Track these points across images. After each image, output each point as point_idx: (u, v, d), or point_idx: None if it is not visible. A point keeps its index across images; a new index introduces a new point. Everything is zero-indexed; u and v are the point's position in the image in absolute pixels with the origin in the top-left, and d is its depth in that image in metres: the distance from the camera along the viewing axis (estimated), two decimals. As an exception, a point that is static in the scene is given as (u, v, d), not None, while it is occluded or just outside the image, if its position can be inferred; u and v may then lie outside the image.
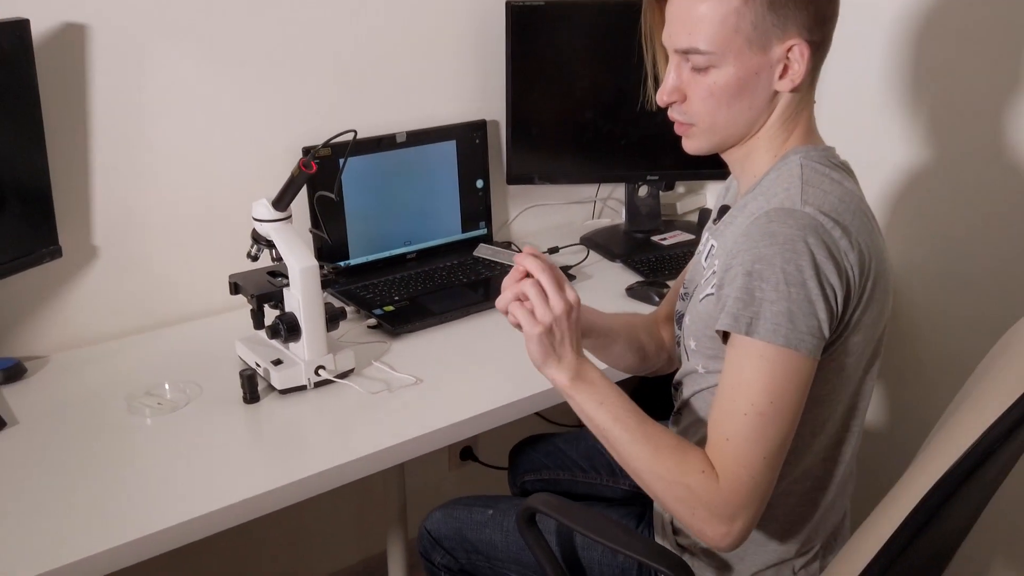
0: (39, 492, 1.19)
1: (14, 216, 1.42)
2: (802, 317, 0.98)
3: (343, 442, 1.31)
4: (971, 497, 1.00)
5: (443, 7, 1.87)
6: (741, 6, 1.02)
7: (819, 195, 1.03)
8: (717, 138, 1.12)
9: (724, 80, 1.06)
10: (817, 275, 0.98)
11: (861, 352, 1.08)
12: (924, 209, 1.78)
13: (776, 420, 1.00)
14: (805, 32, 1.04)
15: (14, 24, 1.34)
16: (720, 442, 1.02)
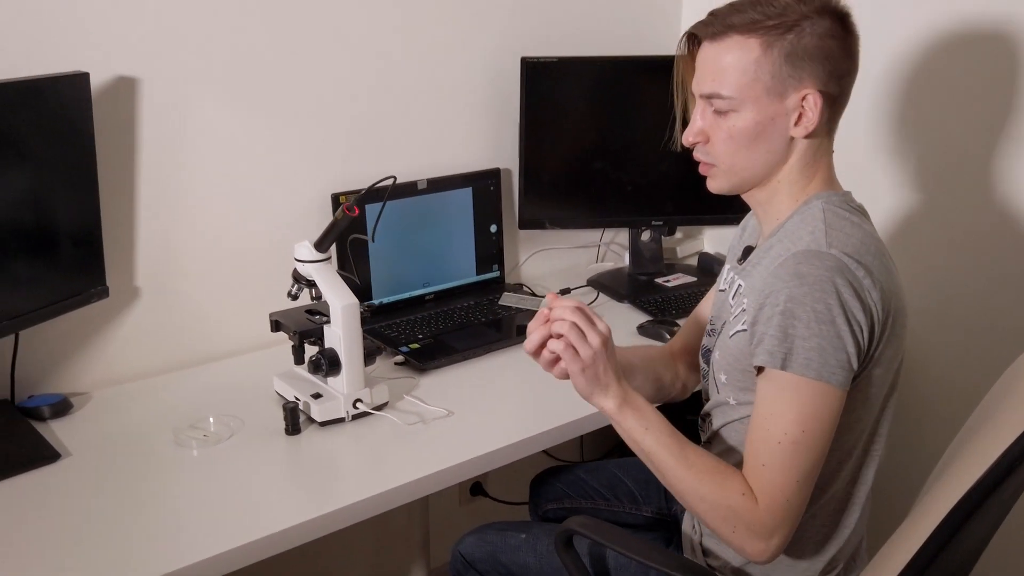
0: (94, 520, 1.24)
1: (68, 257, 1.49)
2: (832, 352, 1.08)
3: (381, 471, 1.38)
4: (988, 516, 1.09)
5: (462, 62, 1.99)
6: (761, 57, 1.14)
7: (842, 238, 1.14)
8: (736, 179, 1.23)
9: (743, 124, 1.17)
10: (845, 313, 1.08)
11: (883, 383, 1.18)
12: (919, 252, 1.90)
13: (808, 448, 1.09)
14: (820, 84, 1.15)
15: (76, 77, 1.43)
16: (757, 467, 1.11)
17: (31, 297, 1.44)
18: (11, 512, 1.25)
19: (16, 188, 1.37)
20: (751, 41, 1.15)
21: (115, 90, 1.55)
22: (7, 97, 1.34)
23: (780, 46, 1.14)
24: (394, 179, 1.49)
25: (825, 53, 1.14)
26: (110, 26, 1.52)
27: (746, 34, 1.15)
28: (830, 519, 1.24)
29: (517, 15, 2.04)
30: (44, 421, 1.50)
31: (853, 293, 1.09)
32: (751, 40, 1.15)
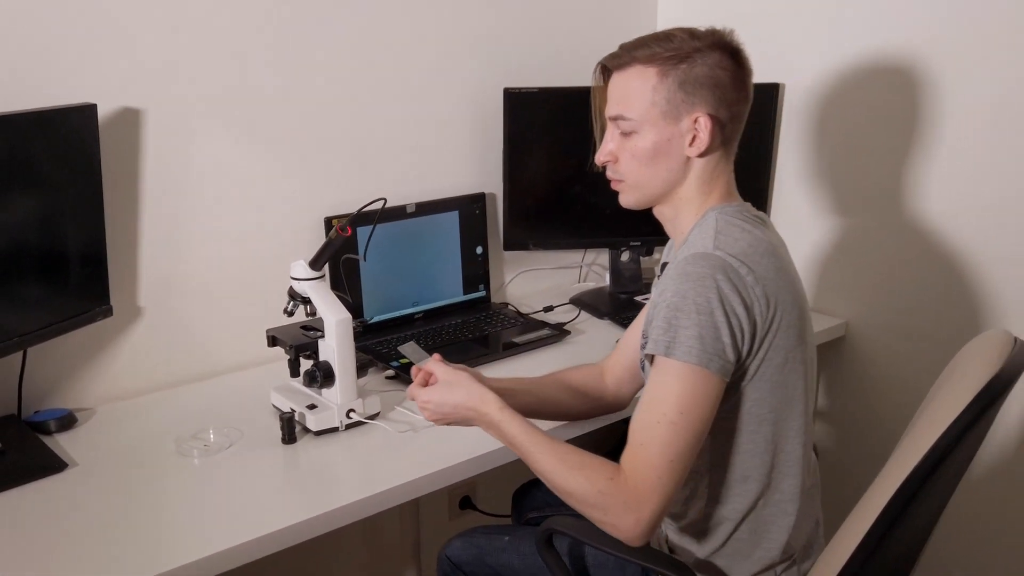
0: (101, 524, 1.31)
1: (75, 278, 1.57)
2: (711, 341, 1.20)
3: (374, 476, 1.45)
4: (932, 498, 1.18)
5: (449, 93, 2.09)
6: (658, 84, 1.29)
7: (729, 242, 1.26)
8: (641, 194, 1.37)
9: (644, 144, 1.32)
10: (723, 306, 1.20)
11: (790, 372, 1.28)
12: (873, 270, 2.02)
13: (684, 429, 1.20)
14: (710, 108, 1.29)
15: (84, 108, 1.52)
16: (635, 447, 1.22)
17: (39, 316, 1.52)
18: (23, 518, 1.32)
19: (28, 213, 1.46)
20: (650, 70, 1.29)
21: (121, 120, 1.65)
22: (21, 127, 1.43)
23: (674, 75, 1.28)
24: (384, 201, 1.58)
25: (715, 82, 1.28)
26: (116, 59, 1.62)
27: (646, 64, 1.30)
28: (779, 508, 1.33)
29: (499, 48, 2.15)
30: (50, 434, 1.57)
31: (733, 288, 1.21)
32: (650, 69, 1.29)
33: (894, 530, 1.13)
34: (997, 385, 1.10)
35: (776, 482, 1.33)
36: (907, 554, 1.29)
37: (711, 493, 1.34)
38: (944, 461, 1.09)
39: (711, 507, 1.35)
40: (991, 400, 1.09)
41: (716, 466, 1.33)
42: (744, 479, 1.32)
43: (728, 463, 1.32)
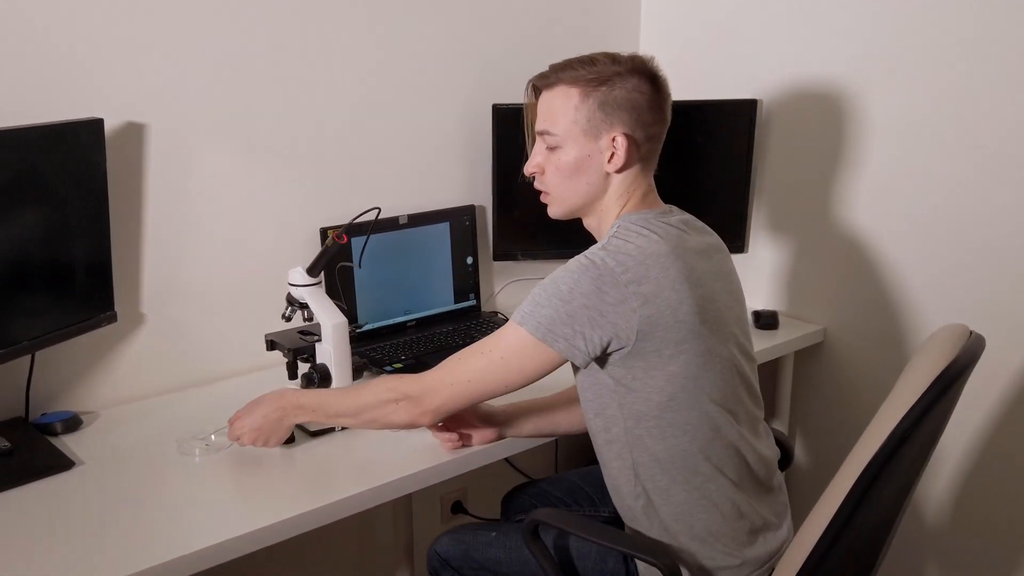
0: (107, 518, 1.37)
1: (81, 286, 1.64)
2: (555, 318, 1.33)
3: (368, 473, 1.51)
4: (895, 479, 1.26)
5: (439, 109, 2.18)
6: (580, 104, 1.40)
7: (618, 244, 1.36)
8: (566, 206, 1.48)
9: (566, 159, 1.42)
10: (582, 296, 1.32)
11: (687, 364, 1.35)
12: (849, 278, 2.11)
13: (496, 370, 1.39)
14: (627, 128, 1.40)
15: (91, 123, 1.60)
16: (449, 358, 1.45)
17: (47, 321, 1.58)
18: (33, 513, 1.38)
19: (37, 224, 1.53)
20: (573, 91, 1.40)
21: (125, 134, 1.72)
22: (32, 141, 1.50)
23: (595, 96, 1.39)
24: (378, 210, 1.66)
25: (632, 104, 1.39)
26: (120, 76, 1.69)
27: (570, 85, 1.41)
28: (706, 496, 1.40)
29: (488, 66, 2.24)
30: (56, 435, 1.63)
31: (598, 285, 1.32)
32: (573, 90, 1.40)
33: (860, 511, 1.20)
34: (953, 371, 1.17)
35: (697, 464, 1.39)
36: (873, 536, 1.36)
37: (651, 482, 1.42)
38: (905, 443, 1.16)
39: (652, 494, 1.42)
40: (947, 385, 1.17)
41: (641, 449, 1.40)
42: (663, 464, 1.39)
43: (650, 450, 1.39)
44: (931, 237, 1.99)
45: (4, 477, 1.46)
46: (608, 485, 1.51)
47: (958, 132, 1.92)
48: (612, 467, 1.46)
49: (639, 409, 1.38)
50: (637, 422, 1.39)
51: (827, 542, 1.22)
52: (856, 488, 1.18)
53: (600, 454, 1.49)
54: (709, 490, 1.40)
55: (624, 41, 2.48)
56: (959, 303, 1.97)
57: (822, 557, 1.23)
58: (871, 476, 1.17)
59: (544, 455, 2.53)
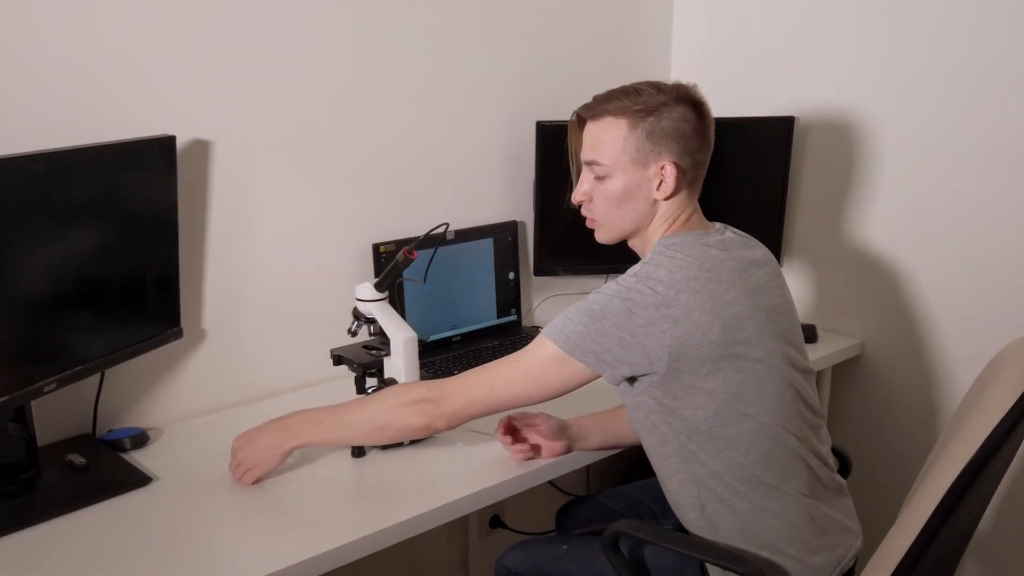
0: (188, 533, 1.38)
1: (152, 302, 1.65)
2: (584, 334, 1.37)
3: (439, 488, 1.52)
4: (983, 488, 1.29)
5: (484, 126, 2.21)
6: (628, 134, 1.43)
7: (651, 269, 1.38)
8: (613, 232, 1.53)
9: (615, 188, 1.46)
10: (612, 317, 1.35)
11: (727, 380, 1.37)
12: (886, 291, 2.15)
13: (520, 381, 1.42)
14: (675, 157, 1.44)
15: (165, 139, 1.61)
16: (478, 369, 1.47)
17: (119, 338, 1.59)
18: (115, 530, 1.38)
19: (115, 239, 1.54)
20: (620, 121, 1.44)
21: (191, 152, 1.73)
22: (111, 158, 1.51)
23: (643, 126, 1.43)
24: (447, 225, 1.68)
25: (679, 133, 1.43)
26: (188, 94, 1.71)
27: (616, 116, 1.44)
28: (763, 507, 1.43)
29: (531, 84, 2.27)
30: (125, 451, 1.64)
31: (627, 307, 1.35)
32: (620, 120, 1.44)
33: (951, 520, 1.23)
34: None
35: (755, 474, 1.41)
36: (957, 546, 1.40)
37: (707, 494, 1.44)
38: (996, 452, 1.19)
39: (713, 505, 1.44)
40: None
41: (698, 464, 1.43)
42: (722, 476, 1.41)
43: (707, 464, 1.42)
44: (968, 252, 2.05)
45: (84, 493, 1.47)
46: (670, 500, 1.53)
47: (995, 150, 1.97)
48: (672, 481, 1.49)
49: (687, 427, 1.41)
50: (689, 438, 1.42)
51: (917, 551, 1.24)
52: (948, 498, 1.21)
53: (658, 469, 1.52)
54: (774, 499, 1.43)
55: (657, 58, 2.53)
56: (997, 317, 2.02)
57: (911, 567, 1.26)
58: (963, 486, 1.20)
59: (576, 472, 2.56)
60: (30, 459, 1.51)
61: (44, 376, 1.45)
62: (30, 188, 1.36)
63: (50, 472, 1.53)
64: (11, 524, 1.37)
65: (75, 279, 1.47)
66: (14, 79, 1.51)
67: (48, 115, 1.55)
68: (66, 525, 1.39)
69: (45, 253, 1.41)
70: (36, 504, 1.43)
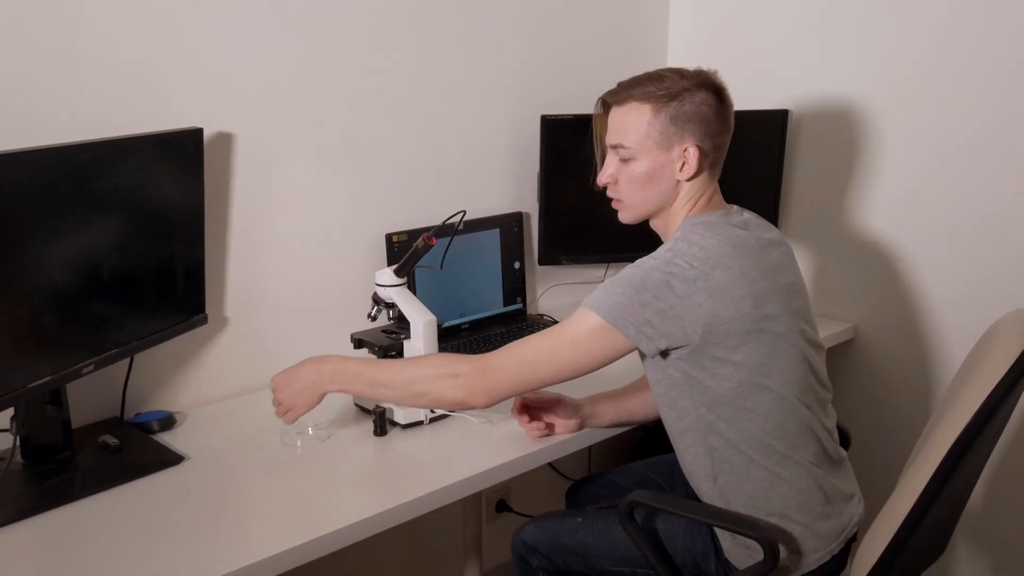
0: (220, 508, 1.43)
1: (180, 289, 1.71)
2: (626, 305, 1.42)
3: (457, 465, 1.58)
4: (979, 454, 1.38)
5: (491, 121, 2.28)
6: (652, 118, 1.50)
7: (684, 246, 1.45)
8: (638, 212, 1.59)
9: (640, 170, 1.53)
10: (653, 288, 1.41)
11: (751, 352, 1.44)
12: (878, 276, 2.24)
13: (562, 353, 1.46)
14: (697, 140, 1.51)
15: (193, 132, 1.67)
16: (517, 341, 1.50)
17: (150, 323, 1.65)
18: (149, 505, 1.44)
19: (145, 229, 1.59)
20: (645, 106, 1.51)
21: (215, 144, 1.79)
22: (146, 149, 1.57)
23: (666, 111, 1.50)
24: (463, 213, 1.75)
25: (701, 117, 1.50)
26: (212, 88, 1.77)
27: (641, 101, 1.51)
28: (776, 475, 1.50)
29: (537, 79, 2.35)
30: (154, 433, 1.69)
31: (667, 280, 1.41)
32: (645, 106, 1.51)
33: (948, 485, 1.31)
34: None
35: (772, 445, 1.48)
36: (953, 511, 1.48)
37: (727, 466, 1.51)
38: (992, 417, 1.28)
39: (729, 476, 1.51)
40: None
41: (715, 435, 1.49)
42: (738, 447, 1.48)
43: (724, 435, 1.49)
44: (957, 238, 2.14)
45: (120, 472, 1.52)
46: (685, 471, 1.61)
47: (983, 136, 2.06)
48: (688, 454, 1.56)
49: (710, 399, 1.48)
50: (709, 410, 1.49)
51: (917, 515, 1.33)
52: (946, 462, 1.30)
53: (675, 442, 1.59)
54: (786, 467, 1.50)
55: (653, 55, 2.61)
56: (986, 298, 2.11)
57: (912, 529, 1.34)
58: (960, 450, 1.29)
59: (577, 456, 2.63)
60: (66, 440, 1.56)
61: (82, 359, 1.50)
62: (74, 177, 1.42)
63: (85, 453, 1.58)
64: (53, 500, 1.42)
65: (110, 265, 1.53)
66: (46, 73, 1.57)
67: (75, 107, 1.61)
68: (105, 501, 1.45)
69: (84, 240, 1.47)
70: (75, 482, 1.49)
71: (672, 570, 1.57)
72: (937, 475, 1.31)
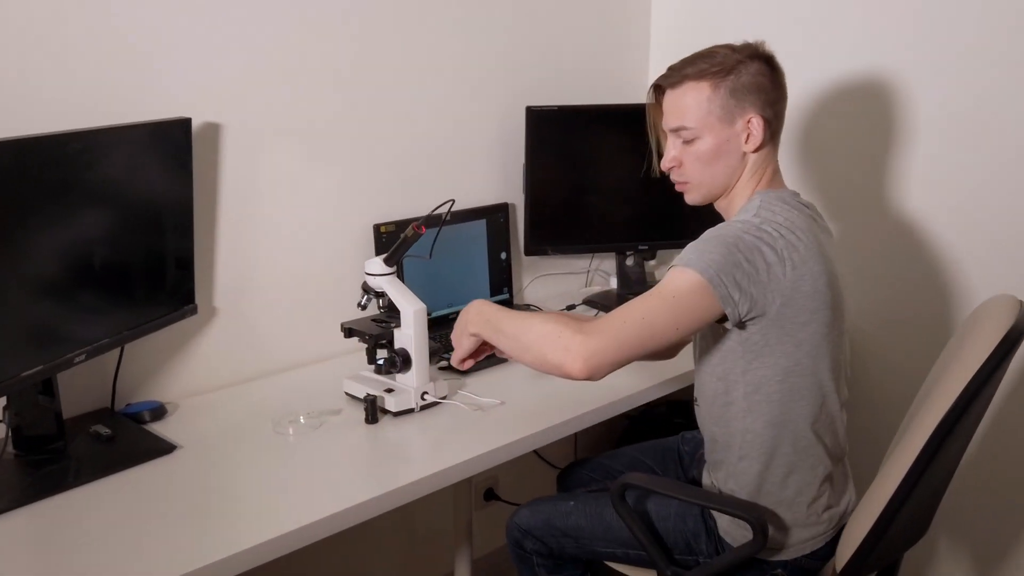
0: (215, 495, 1.44)
1: (170, 279, 1.71)
2: (723, 264, 1.38)
3: (448, 451, 1.59)
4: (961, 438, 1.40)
5: (476, 112, 2.29)
6: (712, 95, 1.50)
7: (768, 214, 1.46)
8: (706, 190, 1.57)
9: (706, 147, 1.52)
10: (746, 251, 1.40)
11: (814, 333, 1.45)
12: (860, 265, 2.27)
13: (668, 309, 1.38)
14: (759, 109, 1.51)
15: (182, 122, 1.67)
16: (620, 309, 1.41)
17: (140, 314, 1.65)
18: (144, 493, 1.44)
19: (135, 219, 1.60)
20: (702, 84, 1.51)
21: (204, 134, 1.79)
22: (137, 138, 1.57)
23: (725, 85, 1.50)
24: (452, 202, 1.76)
25: (759, 86, 1.50)
26: (199, 78, 1.77)
27: (697, 80, 1.51)
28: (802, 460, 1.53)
29: (522, 71, 2.36)
30: (145, 423, 1.69)
31: (761, 242, 1.41)
32: (702, 83, 1.51)
33: (931, 468, 1.34)
34: (1014, 334, 1.32)
35: (800, 432, 1.51)
36: (934, 495, 1.51)
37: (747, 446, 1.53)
38: (974, 401, 1.31)
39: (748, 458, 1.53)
40: (1011, 347, 1.32)
41: (756, 415, 1.50)
42: (768, 427, 1.50)
43: (753, 412, 1.50)
44: (937, 225, 2.17)
45: (113, 461, 1.52)
46: (710, 444, 1.60)
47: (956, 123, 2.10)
48: (719, 428, 1.56)
49: (763, 374, 1.48)
50: (757, 388, 1.49)
51: (900, 498, 1.35)
52: (928, 447, 1.32)
53: (711, 416, 1.58)
54: (808, 455, 1.52)
55: (638, 46, 2.63)
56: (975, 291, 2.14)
57: (895, 512, 1.36)
58: (942, 435, 1.31)
59: (563, 444, 2.65)
60: (58, 430, 1.56)
61: (73, 349, 1.50)
62: (64, 166, 1.42)
63: (77, 442, 1.58)
64: (46, 490, 1.42)
65: (100, 255, 1.53)
66: (34, 62, 1.56)
67: (64, 96, 1.61)
68: (98, 490, 1.45)
69: (74, 230, 1.47)
70: (69, 470, 1.49)
71: (663, 550, 1.59)
72: (920, 459, 1.34)
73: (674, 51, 2.55)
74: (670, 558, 1.60)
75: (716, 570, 1.55)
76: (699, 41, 2.48)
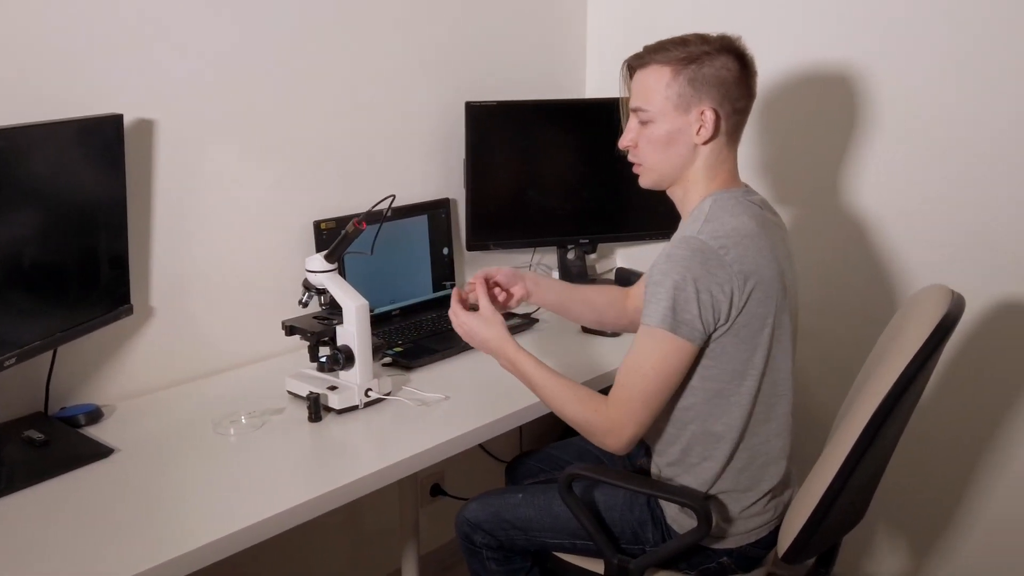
0: (154, 499, 1.41)
1: (103, 279, 1.67)
2: (682, 313, 1.43)
3: (393, 447, 1.59)
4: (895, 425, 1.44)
5: (416, 107, 2.28)
6: (671, 81, 1.51)
7: (715, 227, 1.48)
8: (656, 175, 1.58)
9: (658, 132, 1.54)
10: (695, 284, 1.43)
11: (769, 336, 1.49)
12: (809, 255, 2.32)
13: (654, 381, 1.47)
14: (715, 103, 1.52)
15: (113, 118, 1.63)
16: (619, 388, 1.50)
17: (74, 314, 1.61)
18: (81, 498, 1.41)
19: (64, 218, 1.55)
20: (665, 69, 1.52)
21: (136, 131, 1.75)
22: (66, 135, 1.53)
23: (685, 74, 1.51)
24: (393, 197, 1.75)
25: (720, 80, 1.51)
26: (130, 73, 1.73)
27: (661, 64, 1.52)
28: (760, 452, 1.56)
29: (461, 66, 2.36)
30: (80, 427, 1.65)
31: (707, 270, 1.43)
32: (665, 68, 1.52)
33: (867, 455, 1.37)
34: (947, 323, 1.36)
35: (757, 429, 1.55)
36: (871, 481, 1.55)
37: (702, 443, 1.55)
38: (908, 388, 1.34)
39: (702, 451, 1.56)
40: (944, 335, 1.36)
41: (706, 417, 1.53)
42: (728, 428, 1.52)
43: (713, 415, 1.53)
44: (873, 216, 2.23)
45: (48, 466, 1.48)
46: (662, 440, 1.60)
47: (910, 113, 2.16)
48: (674, 429, 1.57)
49: (718, 379, 1.50)
50: (713, 391, 1.51)
51: (839, 483, 1.38)
52: (866, 433, 1.35)
53: (664, 413, 1.57)
54: (763, 451, 1.55)
55: (576, 39, 2.64)
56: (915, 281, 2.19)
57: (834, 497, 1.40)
58: (879, 421, 1.35)
59: (508, 437, 2.66)
60: (-12, 436, 1.51)
61: (3, 352, 1.46)
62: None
63: (9, 448, 1.54)
64: (-23, 498, 1.38)
65: (30, 255, 1.49)
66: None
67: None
68: (32, 496, 1.41)
69: (1, 230, 1.42)
70: (1, 477, 1.44)
71: (611, 539, 1.61)
72: (858, 445, 1.37)
73: (610, 48, 2.61)
74: (617, 547, 1.62)
75: (662, 557, 1.57)
76: (635, 38, 2.50)
